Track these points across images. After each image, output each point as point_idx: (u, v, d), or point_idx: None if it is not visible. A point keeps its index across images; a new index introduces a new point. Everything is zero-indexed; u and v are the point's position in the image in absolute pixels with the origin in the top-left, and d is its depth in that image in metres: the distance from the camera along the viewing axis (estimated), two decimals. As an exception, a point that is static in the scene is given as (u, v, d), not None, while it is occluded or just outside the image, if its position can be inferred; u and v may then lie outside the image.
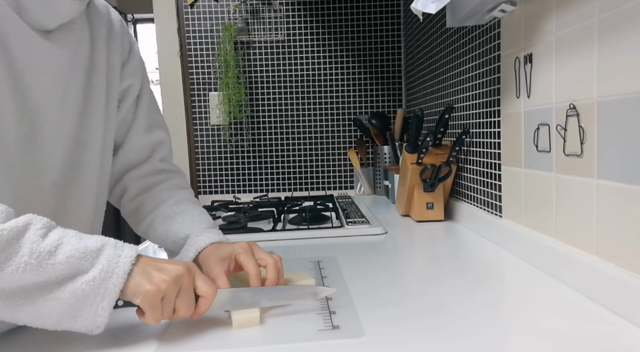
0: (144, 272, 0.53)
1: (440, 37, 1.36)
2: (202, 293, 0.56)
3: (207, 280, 0.58)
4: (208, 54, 1.88)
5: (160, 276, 0.53)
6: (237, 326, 0.58)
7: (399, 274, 0.79)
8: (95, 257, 0.51)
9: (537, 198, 0.80)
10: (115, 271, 0.51)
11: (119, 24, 0.76)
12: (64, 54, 0.63)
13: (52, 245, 0.49)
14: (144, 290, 0.52)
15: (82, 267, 0.50)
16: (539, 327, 0.56)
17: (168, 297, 0.53)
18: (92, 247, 0.51)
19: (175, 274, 0.54)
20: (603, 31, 0.61)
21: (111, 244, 0.53)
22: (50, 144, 0.63)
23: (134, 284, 0.52)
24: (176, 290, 0.54)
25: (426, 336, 0.54)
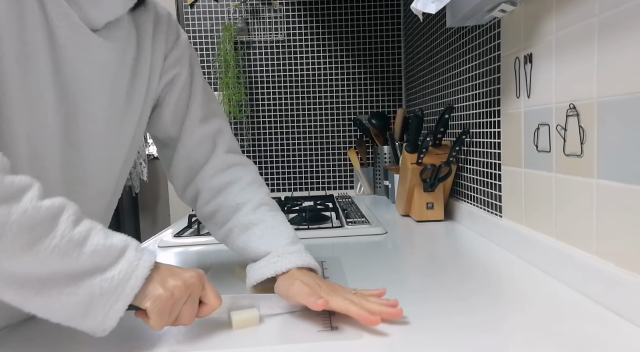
0: (159, 276, 0.52)
1: (440, 37, 1.36)
2: (208, 302, 0.56)
3: (215, 291, 0.57)
4: (208, 54, 1.88)
5: (174, 282, 0.52)
6: (236, 325, 0.58)
7: (398, 274, 0.79)
8: (118, 257, 0.50)
9: (537, 198, 0.80)
10: (135, 273, 0.50)
11: (165, 19, 0.73)
12: (112, 49, 0.62)
13: (82, 234, 0.48)
14: (157, 294, 0.51)
15: (103, 264, 0.49)
16: (538, 327, 0.55)
17: (177, 304, 0.53)
18: (117, 246, 0.50)
19: (189, 282, 0.53)
20: (603, 31, 0.61)
21: (134, 245, 0.52)
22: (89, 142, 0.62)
23: (150, 287, 0.51)
24: (186, 297, 0.53)
25: (426, 337, 0.54)
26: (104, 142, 0.65)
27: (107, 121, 0.64)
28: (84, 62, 0.59)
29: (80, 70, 0.59)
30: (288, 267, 0.65)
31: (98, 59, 0.60)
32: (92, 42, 0.59)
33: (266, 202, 0.75)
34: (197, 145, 0.75)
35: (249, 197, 0.74)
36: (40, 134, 0.57)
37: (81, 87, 0.59)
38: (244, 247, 0.71)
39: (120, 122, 0.67)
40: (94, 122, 0.62)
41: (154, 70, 0.71)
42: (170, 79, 0.74)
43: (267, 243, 0.69)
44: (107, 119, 0.64)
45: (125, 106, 0.67)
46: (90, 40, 0.59)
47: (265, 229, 0.71)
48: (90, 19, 0.58)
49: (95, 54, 0.60)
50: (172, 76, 0.74)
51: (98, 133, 0.64)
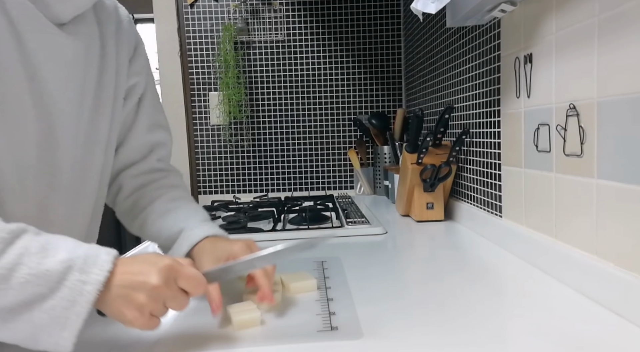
0: (119, 296, 0.48)
1: (440, 37, 1.36)
2: (190, 293, 0.52)
3: (191, 279, 0.52)
4: (208, 54, 1.88)
5: (138, 296, 0.48)
6: (237, 327, 0.58)
7: (399, 275, 0.79)
8: (57, 283, 0.45)
9: (537, 198, 0.80)
10: (78, 300, 0.45)
11: (127, 21, 0.74)
12: (79, 46, 0.62)
13: (6, 267, 0.43)
14: (128, 319, 0.48)
15: (41, 292, 0.44)
16: (538, 327, 0.55)
17: (155, 310, 0.49)
18: (53, 271, 0.45)
19: (154, 293, 0.48)
20: (603, 31, 0.61)
21: (78, 266, 0.46)
22: (66, 142, 0.61)
23: (115, 312, 0.48)
24: (160, 302, 0.50)
25: (425, 337, 0.54)
26: (83, 142, 0.65)
27: (78, 118, 0.63)
28: (56, 62, 0.58)
29: (53, 71, 0.58)
30: (203, 235, 0.67)
31: (67, 56, 0.60)
32: (61, 40, 0.59)
33: (183, 197, 0.79)
34: (135, 150, 0.79)
35: (166, 191, 0.77)
36: (23, 144, 0.56)
37: (57, 87, 0.59)
38: (158, 231, 0.73)
39: (91, 118, 0.66)
40: (69, 120, 0.62)
41: (121, 68, 0.72)
42: (132, 84, 0.76)
43: (180, 223, 0.71)
44: (78, 116, 0.63)
45: (94, 101, 0.66)
46: (60, 38, 0.58)
47: (180, 213, 0.74)
48: (57, 15, 0.58)
49: (65, 52, 0.60)
50: (134, 82, 0.76)
51: (78, 133, 0.63)
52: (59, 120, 0.60)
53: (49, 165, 0.60)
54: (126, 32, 0.73)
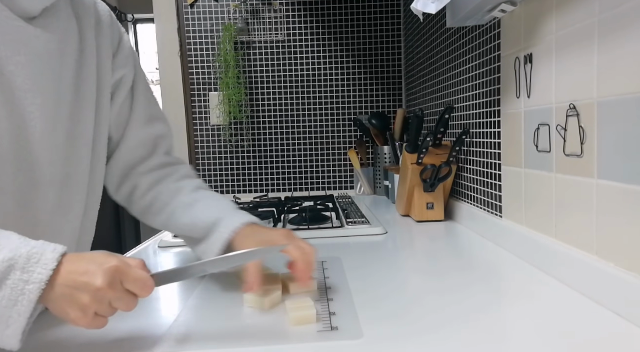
0: (62, 296, 0.47)
1: (440, 37, 1.36)
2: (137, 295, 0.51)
3: (138, 281, 0.50)
4: (208, 54, 1.88)
5: (81, 297, 0.47)
6: (294, 322, 0.58)
7: (399, 275, 0.79)
8: None
9: (537, 198, 0.80)
10: (20, 299, 0.45)
11: (107, 15, 0.74)
12: (51, 39, 0.60)
13: None
14: (71, 318, 0.48)
15: None
16: (538, 327, 0.55)
17: (100, 310, 0.49)
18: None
19: (97, 293, 0.47)
20: (603, 31, 0.61)
21: (20, 264, 0.46)
22: (43, 137, 0.60)
23: (59, 310, 0.48)
24: (105, 303, 0.48)
25: (425, 337, 0.54)
26: (64, 136, 0.64)
27: (55, 112, 0.62)
28: (25, 55, 0.57)
29: (22, 65, 0.57)
30: (243, 222, 0.68)
31: (37, 50, 0.59)
32: (29, 33, 0.58)
33: (203, 187, 0.81)
34: (138, 145, 0.78)
35: (186, 183, 0.79)
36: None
37: (27, 81, 0.58)
38: (192, 222, 0.73)
39: (71, 114, 0.65)
40: (45, 115, 0.60)
41: (103, 63, 0.71)
42: (119, 78, 0.75)
43: (215, 212, 0.72)
44: (55, 110, 0.62)
45: (74, 96, 0.65)
46: (28, 32, 0.58)
47: (210, 202, 0.75)
48: (24, 8, 0.57)
49: (35, 45, 0.58)
50: (120, 76, 0.75)
51: (56, 128, 0.62)
52: (32, 115, 0.59)
53: (27, 161, 0.59)
54: (107, 27, 0.73)
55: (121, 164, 0.78)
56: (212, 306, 0.66)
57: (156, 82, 3.50)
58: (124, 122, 0.77)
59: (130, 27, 3.62)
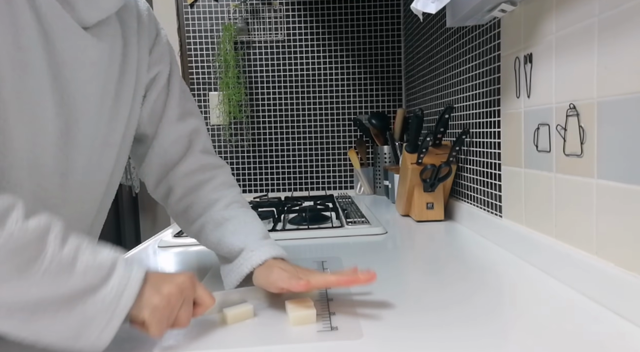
0: (152, 285, 0.52)
1: (440, 37, 1.36)
2: (202, 303, 0.56)
3: (207, 290, 0.58)
4: (208, 54, 1.88)
5: (168, 287, 0.52)
6: (231, 320, 0.59)
7: (399, 275, 0.79)
8: (108, 274, 0.48)
9: (537, 198, 0.80)
10: (126, 291, 0.49)
11: (146, 14, 0.73)
12: (103, 48, 0.62)
13: (71, 255, 0.46)
14: (153, 304, 0.50)
15: (94, 283, 0.47)
16: (538, 327, 0.55)
17: (174, 309, 0.53)
18: (106, 263, 0.49)
19: (182, 286, 0.53)
20: (603, 31, 0.61)
21: (122, 261, 0.51)
22: (82, 142, 0.61)
23: (144, 298, 0.50)
24: (181, 301, 0.53)
25: (425, 337, 0.54)
26: (96, 141, 0.65)
27: (98, 119, 0.63)
28: (81, 63, 0.58)
29: (77, 71, 0.58)
30: (263, 259, 0.67)
31: (92, 58, 0.60)
32: (87, 42, 0.59)
33: (238, 200, 0.77)
34: (173, 143, 0.76)
35: (221, 195, 0.76)
36: (40, 141, 0.56)
37: (79, 88, 0.59)
38: (218, 242, 0.72)
39: (110, 119, 0.66)
40: (88, 122, 0.62)
41: (141, 65, 0.71)
42: (154, 75, 0.74)
43: (241, 238, 0.70)
44: (98, 117, 0.63)
45: (114, 103, 0.66)
46: (86, 40, 0.58)
47: (238, 224, 0.72)
48: (82, 18, 0.58)
49: (90, 53, 0.59)
50: (155, 73, 0.74)
51: (91, 132, 0.63)
52: (77, 122, 0.60)
53: (64, 165, 0.60)
54: (146, 25, 0.72)
55: (157, 162, 0.76)
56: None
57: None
58: (157, 118, 0.75)
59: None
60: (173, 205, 0.78)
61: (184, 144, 0.77)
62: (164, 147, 0.75)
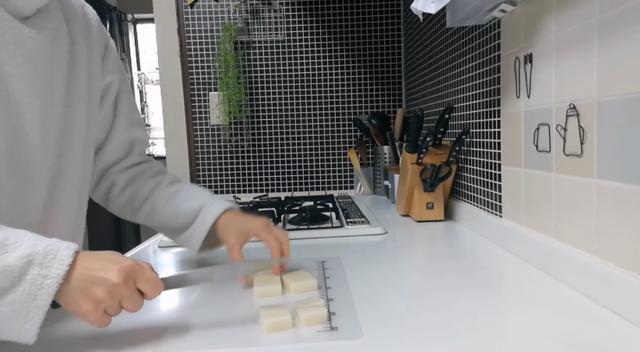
0: (78, 289, 0.49)
1: (440, 37, 1.36)
2: (147, 295, 0.54)
3: (150, 281, 0.54)
4: (208, 54, 1.88)
5: (97, 291, 0.50)
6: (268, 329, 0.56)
7: (399, 275, 0.79)
8: (18, 277, 0.47)
9: (537, 198, 0.80)
10: (39, 293, 0.47)
11: (95, 20, 0.75)
12: (43, 40, 0.62)
13: None
14: (82, 312, 0.50)
15: (2, 288, 0.46)
16: (538, 327, 0.55)
17: (110, 306, 0.51)
18: (13, 266, 0.47)
19: (111, 288, 0.50)
20: (603, 31, 0.61)
21: (38, 260, 0.48)
22: (38, 135, 0.62)
23: (71, 303, 0.49)
24: (117, 299, 0.51)
25: (425, 337, 0.54)
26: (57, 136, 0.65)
27: (48, 112, 0.63)
28: (20, 56, 0.58)
29: (18, 65, 0.58)
30: (224, 208, 0.73)
31: (32, 51, 0.60)
32: (24, 34, 0.59)
33: (179, 180, 0.85)
34: (117, 148, 0.82)
35: (161, 178, 0.83)
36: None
37: (22, 81, 0.59)
38: (174, 212, 0.77)
39: (64, 112, 0.67)
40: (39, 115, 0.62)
41: (94, 66, 0.73)
42: (107, 83, 0.78)
43: (196, 199, 0.76)
44: (48, 110, 0.63)
45: (66, 96, 0.67)
46: (23, 33, 0.59)
47: (188, 192, 0.79)
48: (19, 8, 0.58)
49: (29, 46, 0.60)
50: (109, 81, 0.78)
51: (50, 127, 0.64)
52: (27, 114, 0.60)
53: (21, 159, 0.60)
54: (96, 31, 0.75)
55: (100, 165, 0.82)
56: (212, 306, 0.66)
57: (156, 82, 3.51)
58: (108, 125, 0.81)
59: (130, 27, 3.62)
60: (116, 198, 0.82)
61: (126, 150, 0.84)
62: (109, 151, 0.81)
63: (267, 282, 0.70)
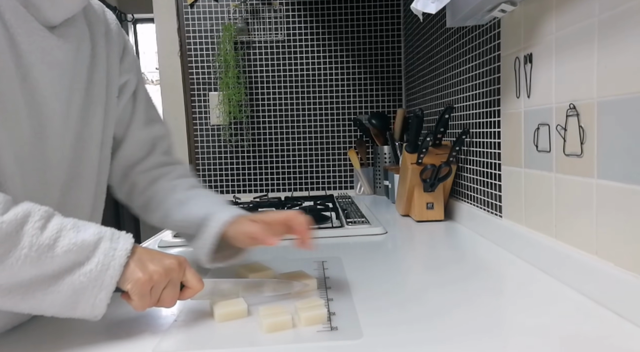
0: (138, 261, 0.55)
1: (440, 37, 1.36)
2: (190, 285, 0.59)
3: (196, 274, 0.60)
4: (208, 54, 1.88)
5: (153, 266, 0.55)
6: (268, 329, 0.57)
7: (399, 275, 0.79)
8: (93, 251, 0.53)
9: (537, 198, 0.80)
10: (112, 263, 0.53)
11: (114, 24, 0.78)
12: (69, 48, 0.64)
13: (51, 238, 0.51)
14: (136, 278, 0.54)
15: (79, 260, 0.52)
16: (538, 327, 0.55)
17: (157, 287, 0.55)
18: (89, 241, 0.53)
19: (168, 267, 0.56)
20: (603, 31, 0.61)
21: (107, 236, 0.55)
22: (57, 139, 0.64)
23: (129, 271, 0.54)
24: (166, 281, 0.56)
25: (425, 337, 0.54)
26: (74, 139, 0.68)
27: (66, 116, 0.66)
28: (47, 64, 0.61)
29: (45, 72, 0.61)
30: (231, 215, 0.71)
31: (58, 58, 0.63)
32: (52, 43, 0.61)
33: (198, 185, 0.84)
34: (138, 145, 0.82)
35: (181, 182, 0.83)
36: (16, 140, 0.58)
37: (47, 88, 0.61)
38: (185, 218, 0.76)
39: (81, 116, 0.69)
40: (59, 119, 0.64)
41: (112, 67, 0.75)
42: (124, 82, 0.79)
43: (206, 206, 0.76)
44: (66, 114, 0.65)
45: (84, 100, 0.69)
46: (51, 42, 0.61)
47: (201, 198, 0.79)
48: (48, 19, 0.61)
49: (55, 54, 0.62)
50: (125, 80, 0.79)
51: (69, 130, 0.66)
52: (49, 119, 0.62)
53: (40, 161, 0.62)
54: (115, 34, 0.77)
55: (122, 163, 0.82)
56: (212, 306, 0.66)
57: (156, 82, 3.50)
58: (126, 123, 0.81)
59: (130, 27, 3.62)
60: (137, 198, 0.83)
61: (148, 148, 0.83)
62: (130, 149, 0.82)
63: None
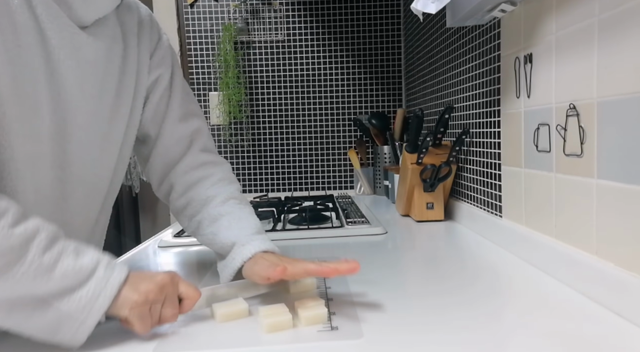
0: (130, 285, 0.54)
1: (440, 37, 1.36)
2: (187, 296, 0.58)
3: (191, 284, 0.59)
4: (208, 54, 1.88)
5: (146, 286, 0.54)
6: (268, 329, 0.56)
7: (399, 275, 0.79)
8: (88, 277, 0.51)
9: (537, 198, 0.80)
10: (102, 293, 0.51)
11: (148, 19, 0.76)
12: (100, 48, 0.64)
13: (52, 259, 0.50)
14: (132, 301, 0.53)
15: (72, 285, 0.50)
16: (538, 327, 0.55)
17: (155, 306, 0.55)
18: (86, 267, 0.52)
19: (161, 283, 0.55)
20: (603, 31, 0.61)
21: (103, 264, 0.53)
22: (81, 138, 0.64)
23: (121, 298, 0.53)
24: (162, 298, 0.55)
25: (425, 337, 0.54)
26: (100, 139, 0.67)
27: (96, 116, 0.65)
28: (76, 60, 0.61)
29: (72, 69, 0.60)
30: (253, 252, 0.68)
31: (88, 56, 0.62)
32: (82, 41, 0.61)
33: (235, 196, 0.78)
34: (175, 143, 0.78)
35: (218, 192, 0.77)
36: (37, 135, 0.58)
37: (75, 85, 0.61)
38: (212, 238, 0.74)
39: (111, 117, 0.68)
40: (86, 118, 0.64)
41: (142, 67, 0.73)
42: (155, 78, 0.76)
43: (234, 233, 0.72)
44: (96, 114, 0.65)
45: (114, 101, 0.68)
46: (81, 39, 0.61)
47: (232, 220, 0.74)
48: (79, 17, 0.60)
49: (86, 52, 0.62)
50: (157, 75, 0.76)
51: (95, 130, 0.66)
52: (74, 116, 0.62)
53: (60, 158, 0.62)
54: (147, 29, 0.75)
55: (160, 162, 0.79)
56: (212, 306, 0.66)
57: (156, 82, 3.50)
58: (160, 119, 0.77)
59: (130, 27, 3.61)
60: (174, 202, 0.80)
61: (186, 144, 0.79)
62: (166, 146, 0.78)
63: None
